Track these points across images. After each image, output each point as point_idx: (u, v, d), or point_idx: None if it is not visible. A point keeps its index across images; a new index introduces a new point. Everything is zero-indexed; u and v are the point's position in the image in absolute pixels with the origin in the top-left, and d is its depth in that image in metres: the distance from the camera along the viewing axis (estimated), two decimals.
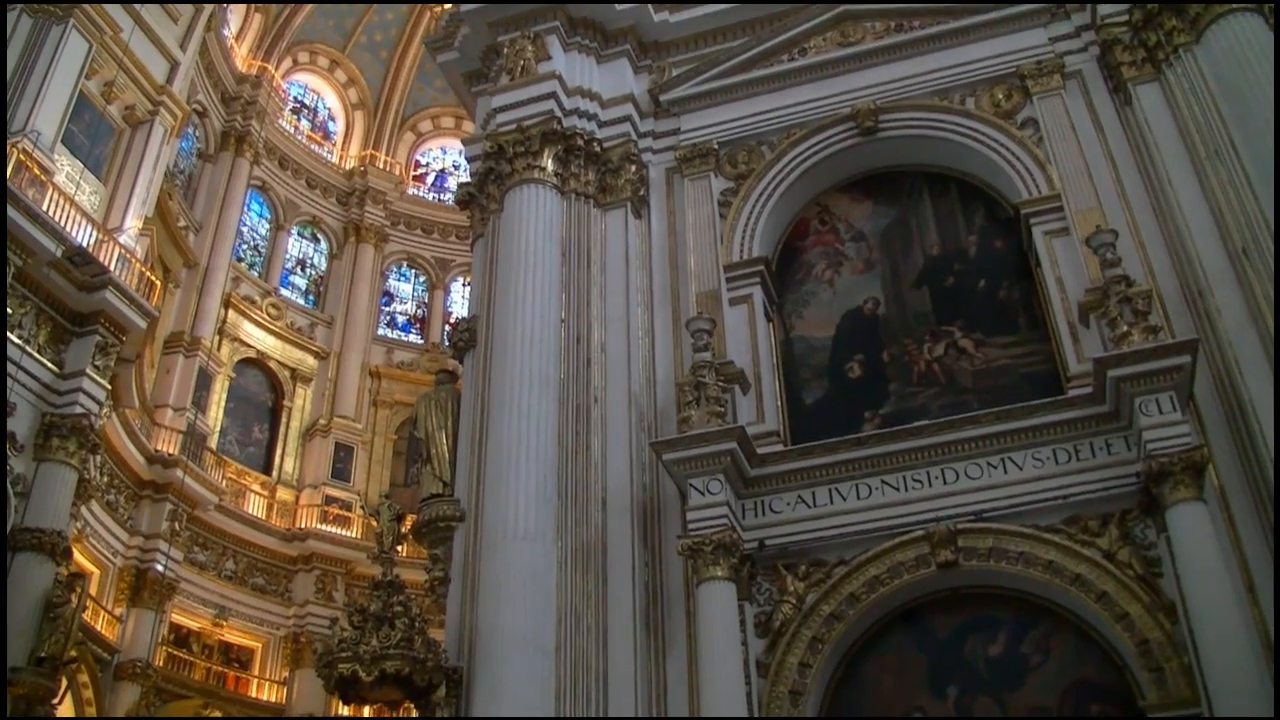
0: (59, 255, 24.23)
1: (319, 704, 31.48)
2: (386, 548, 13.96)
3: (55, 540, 23.43)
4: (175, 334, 33.42)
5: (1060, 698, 12.25)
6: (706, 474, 13.09)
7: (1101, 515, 12.47)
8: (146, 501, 30.66)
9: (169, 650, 30.40)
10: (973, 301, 14.81)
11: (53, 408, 24.37)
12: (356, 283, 39.76)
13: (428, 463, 15.19)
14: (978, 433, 13.09)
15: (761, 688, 12.72)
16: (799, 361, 15.15)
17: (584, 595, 13.13)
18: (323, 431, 36.47)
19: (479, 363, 15.26)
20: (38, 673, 22.33)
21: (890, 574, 12.89)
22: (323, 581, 33.85)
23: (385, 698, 14.01)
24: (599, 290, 15.28)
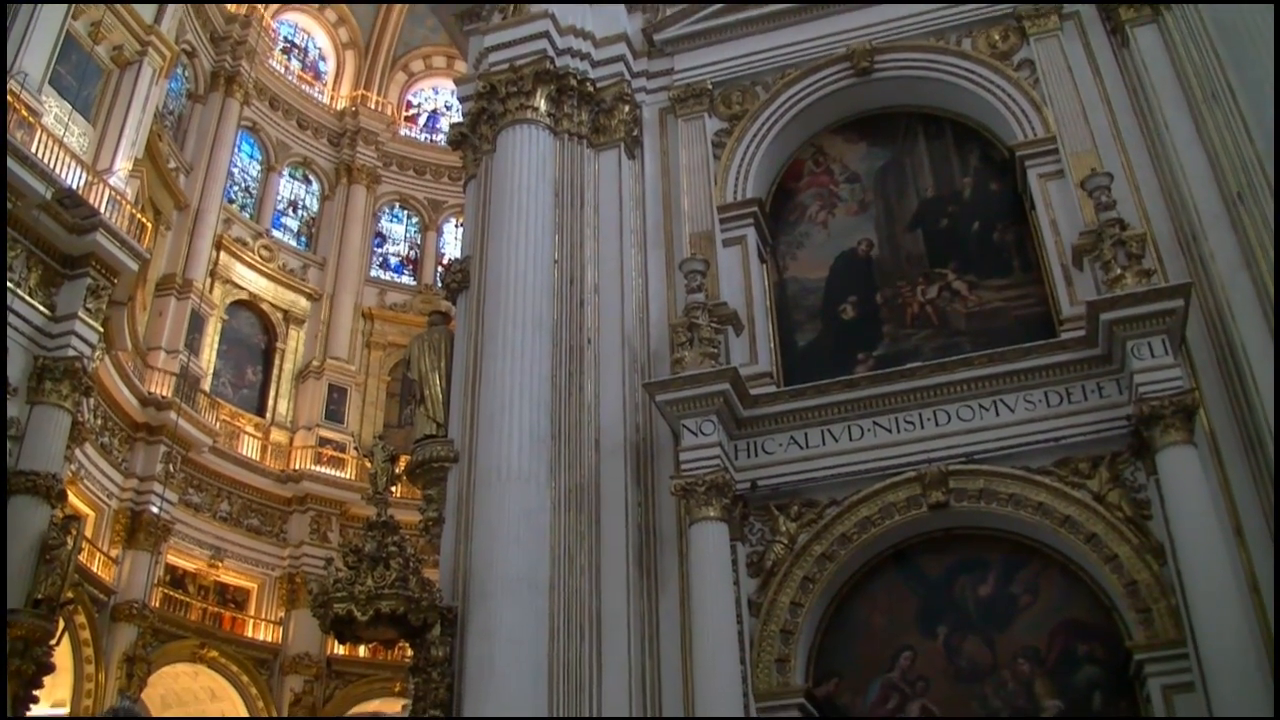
0: (48, 197, 24.09)
1: (315, 643, 31.75)
2: (381, 488, 13.99)
3: (50, 483, 23.50)
4: (167, 276, 33.32)
5: (1048, 637, 12.36)
6: (699, 415, 13.13)
7: (1092, 458, 12.53)
8: (140, 444, 30.71)
9: (165, 591, 30.59)
10: (967, 244, 14.78)
11: (45, 351, 24.33)
12: (348, 224, 39.62)
13: (421, 404, 15.21)
14: (970, 375, 13.12)
15: (753, 627, 12.83)
16: (792, 303, 15.15)
17: (577, 535, 13.21)
18: (316, 373, 36.50)
19: (472, 304, 15.24)
20: (35, 614, 22.47)
21: (881, 515, 12.97)
22: (317, 522, 34.00)
23: (380, 637, 14.10)
24: (592, 231, 15.23)
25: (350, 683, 32.88)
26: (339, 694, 32.55)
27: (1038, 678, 12.21)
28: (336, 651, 32.18)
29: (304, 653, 31.99)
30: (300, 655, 31.95)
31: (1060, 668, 12.19)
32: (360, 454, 33.86)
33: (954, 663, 12.58)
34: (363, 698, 33.20)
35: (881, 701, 12.65)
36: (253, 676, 31.52)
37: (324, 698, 32.18)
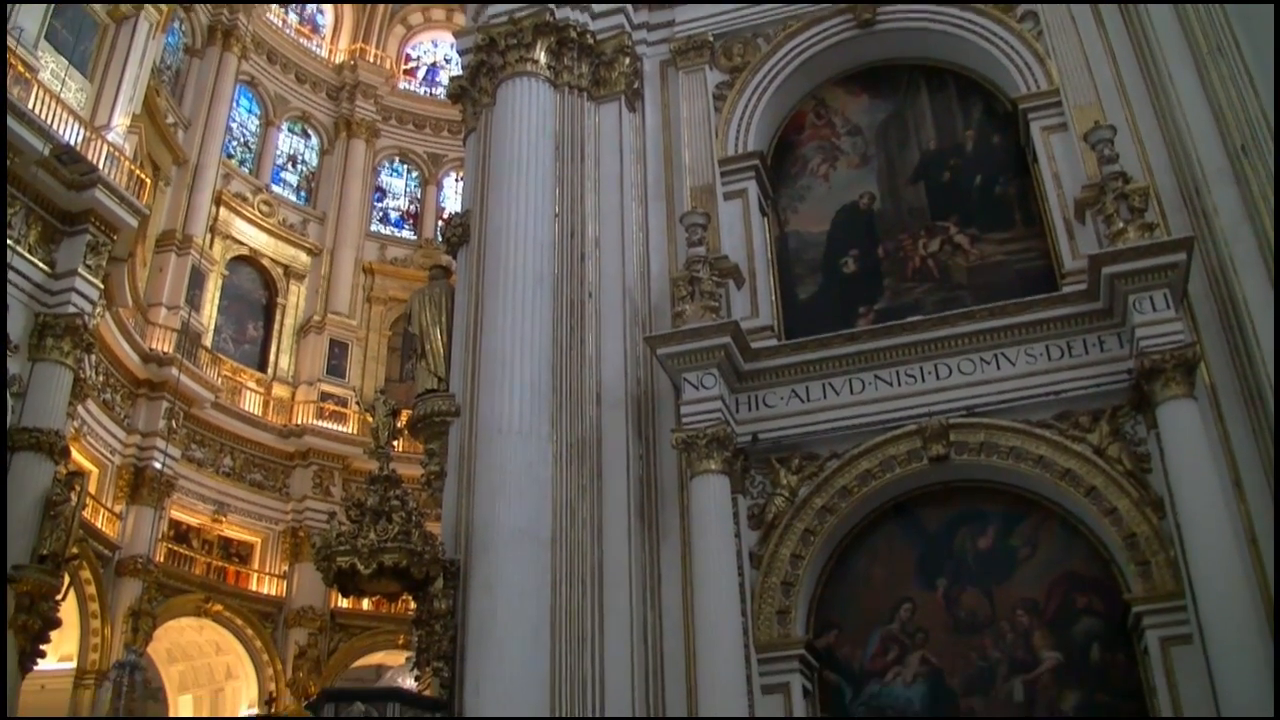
0: (46, 154, 23.98)
1: (318, 597, 31.92)
2: (383, 443, 14.03)
3: (53, 439, 23.54)
4: (167, 232, 33.22)
5: (1047, 589, 12.45)
6: (700, 368, 13.15)
7: (1092, 411, 12.57)
8: (143, 400, 30.74)
9: (169, 546, 30.71)
10: (969, 197, 14.74)
11: (46, 308, 24.31)
12: (348, 179, 39.45)
13: (422, 358, 15.23)
14: (971, 328, 13.13)
15: (754, 579, 12.92)
16: (793, 256, 15.13)
17: (579, 488, 13.27)
18: (317, 328, 36.47)
19: (472, 258, 15.21)
20: (40, 570, 22.57)
21: (882, 468, 13.03)
22: (320, 477, 34.09)
23: (383, 590, 14.19)
24: (593, 184, 15.18)
25: (354, 636, 33.09)
26: (343, 647, 32.75)
27: (1036, 629, 12.31)
28: (340, 605, 32.34)
29: (308, 606, 32.16)
30: (304, 609, 32.12)
31: (1059, 620, 12.28)
32: (362, 409, 33.85)
33: (953, 614, 12.67)
34: (366, 650, 33.43)
35: (881, 653, 12.76)
36: (257, 630, 31.72)
37: (328, 650, 32.38)
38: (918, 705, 12.43)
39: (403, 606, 25.67)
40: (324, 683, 29.36)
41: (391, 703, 12.13)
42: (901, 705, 12.49)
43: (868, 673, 12.74)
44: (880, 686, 12.64)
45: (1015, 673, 12.21)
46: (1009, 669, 12.25)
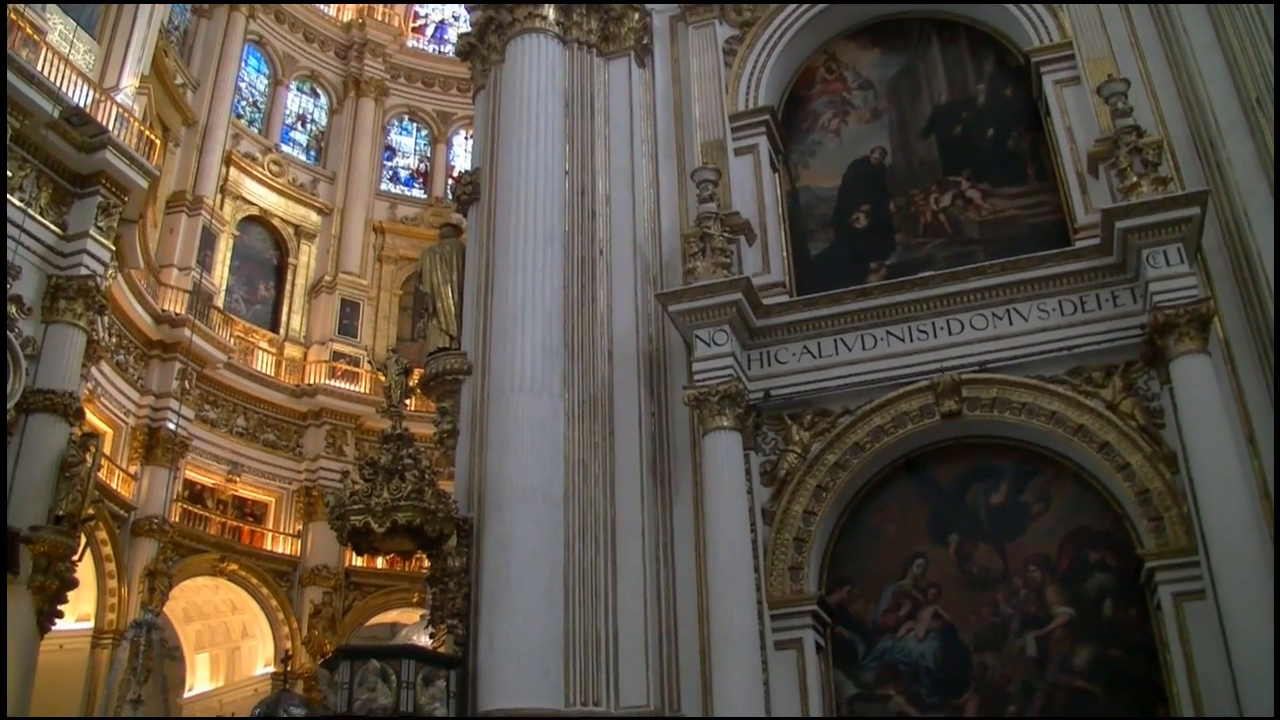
0: (56, 116, 23.90)
1: (333, 556, 32.07)
2: (395, 401, 14.08)
3: (67, 401, 23.61)
4: (177, 193, 33.15)
5: (1059, 545, 12.50)
6: (712, 325, 13.15)
7: (1105, 367, 12.54)
8: (156, 361, 30.77)
9: (184, 506, 30.82)
10: (981, 151, 14.66)
11: (58, 270, 24.31)
12: (358, 138, 39.28)
13: (434, 317, 15.23)
14: (983, 284, 13.09)
15: (766, 535, 12.97)
16: (805, 212, 15.08)
17: (591, 446, 13.30)
18: (328, 288, 36.44)
19: (483, 216, 15.19)
20: (57, 531, 22.69)
21: (894, 424, 13.04)
22: (333, 436, 34.15)
23: (397, 548, 14.30)
24: (603, 141, 15.12)
25: (369, 594, 33.25)
26: (357, 605, 32.91)
27: (1049, 585, 12.36)
28: (354, 563, 32.45)
29: (322, 565, 32.30)
30: (319, 567, 32.26)
31: (1071, 575, 12.33)
32: (374, 368, 33.87)
33: (965, 570, 12.73)
34: (381, 608, 33.61)
35: (894, 608, 12.83)
36: (272, 589, 31.88)
37: (343, 609, 32.55)
38: (930, 660, 12.52)
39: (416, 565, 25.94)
40: (339, 641, 29.51)
41: (406, 660, 12.23)
42: (914, 660, 12.56)
43: (880, 628, 12.81)
44: (893, 641, 12.72)
45: (1027, 628, 12.28)
46: (1021, 624, 12.31)
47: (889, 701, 12.51)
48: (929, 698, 12.38)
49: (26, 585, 22.16)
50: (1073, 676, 11.96)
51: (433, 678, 12.17)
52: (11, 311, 23.00)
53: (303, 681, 27.10)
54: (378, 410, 26.39)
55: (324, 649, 29.03)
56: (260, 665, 31.78)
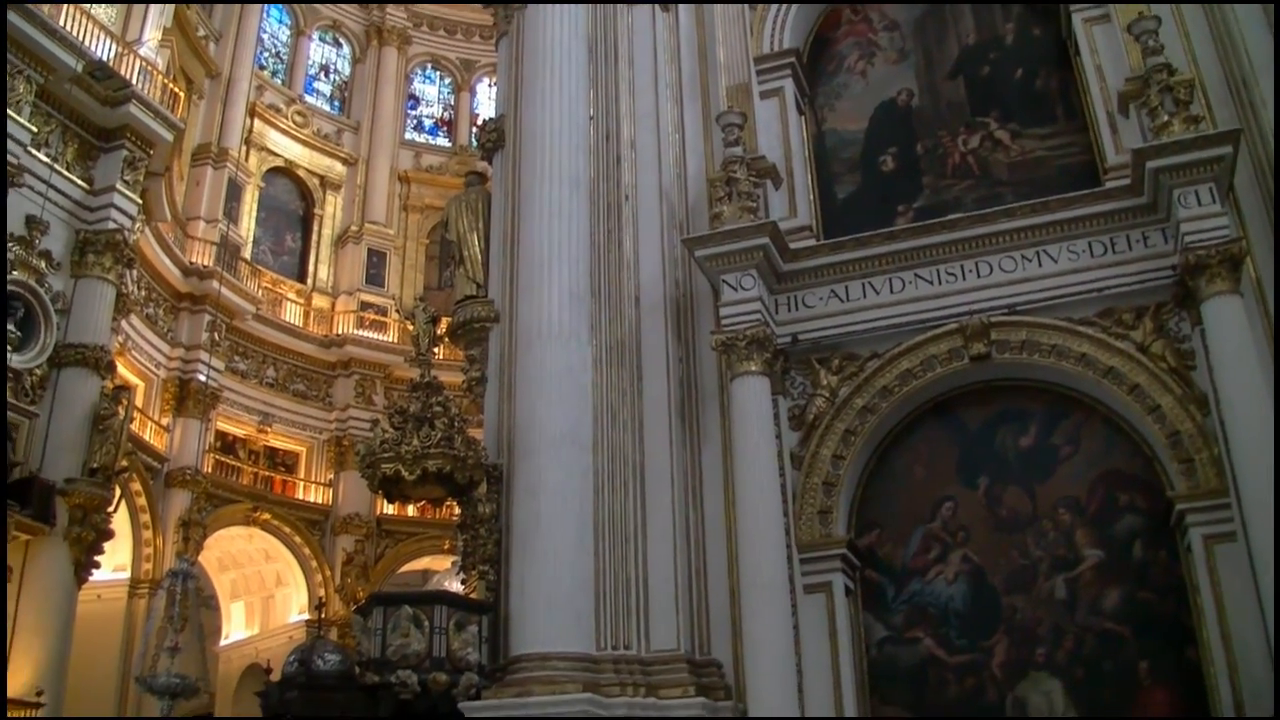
0: (79, 70, 23.92)
1: (364, 504, 32.32)
2: (423, 350, 14.15)
3: (98, 355, 23.82)
4: (202, 145, 33.17)
5: (1089, 487, 12.48)
6: (739, 269, 13.11)
7: (1136, 308, 12.45)
8: (185, 313, 30.94)
9: (216, 457, 31.08)
10: (1009, 92, 14.48)
11: (86, 224, 24.44)
12: (381, 87, 39.14)
13: (460, 265, 15.25)
14: (1012, 225, 12.99)
15: (795, 479, 13.00)
16: (831, 155, 14.97)
17: (619, 391, 13.30)
18: (355, 238, 36.47)
19: (508, 163, 15.14)
20: (91, 483, 22.96)
21: (923, 367, 13.01)
22: (362, 385, 34.31)
23: (428, 495, 14.40)
24: (627, 86, 14.97)
25: (400, 541, 33.51)
26: (389, 553, 33.18)
27: (1078, 527, 12.37)
28: (386, 511, 32.64)
29: (354, 513, 32.56)
30: (350, 516, 32.52)
31: (1101, 517, 12.32)
32: (402, 317, 33.99)
33: (995, 513, 12.75)
34: (412, 556, 33.88)
35: (923, 551, 12.86)
36: (305, 537, 32.18)
37: (375, 556, 32.83)
38: (959, 603, 12.56)
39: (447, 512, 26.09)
40: (371, 588, 29.78)
41: (439, 606, 12.36)
42: (943, 603, 12.60)
43: (909, 571, 12.85)
44: (922, 584, 12.76)
45: (1057, 570, 12.29)
46: (1050, 567, 12.33)
47: (918, 644, 12.56)
48: (958, 640, 12.43)
49: (63, 537, 22.47)
50: (1102, 619, 11.97)
51: (465, 623, 12.31)
52: (41, 266, 23.19)
53: (336, 628, 27.41)
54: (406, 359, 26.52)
55: (357, 596, 29.34)
56: (294, 613, 32.14)
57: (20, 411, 22.31)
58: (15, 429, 22.19)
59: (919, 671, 12.48)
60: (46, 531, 22.11)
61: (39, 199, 22.97)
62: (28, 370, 22.57)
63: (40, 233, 23.21)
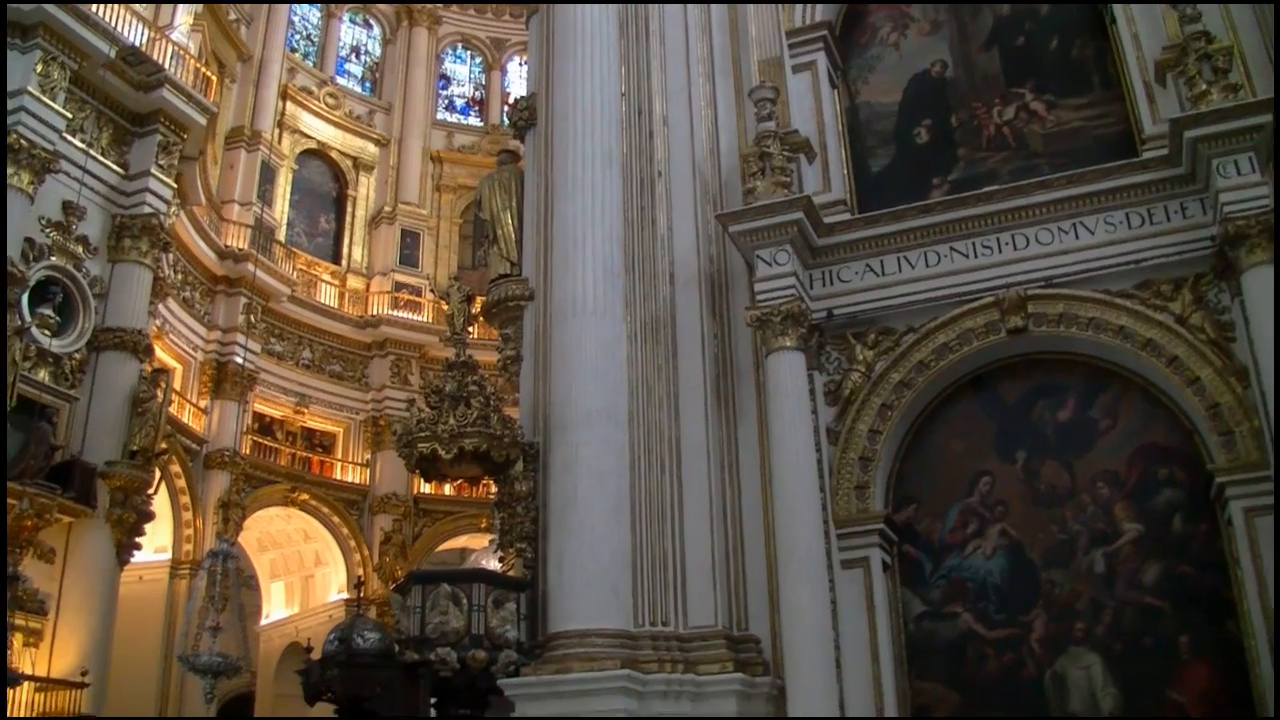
0: (113, 56, 24.10)
1: (401, 484, 32.53)
2: (458, 329, 14.19)
3: (136, 338, 24.08)
4: (235, 129, 33.36)
5: (1128, 461, 12.36)
6: (773, 245, 13.04)
7: (1174, 280, 12.30)
8: (221, 296, 31.19)
9: (254, 438, 31.37)
10: (1044, 62, 14.30)
11: (122, 209, 24.69)
12: (412, 67, 39.22)
13: (494, 244, 15.26)
14: (1048, 197, 12.86)
15: (831, 454, 12.97)
16: (865, 128, 14.85)
17: (654, 368, 13.29)
18: (388, 219, 36.61)
19: (540, 141, 15.12)
20: (131, 465, 23.25)
21: (959, 341, 12.92)
22: (397, 366, 34.49)
23: (465, 474, 14.46)
24: (659, 62, 14.88)
25: (437, 520, 33.73)
26: (427, 531, 33.41)
27: (1117, 501, 12.26)
28: (423, 490, 32.91)
29: (391, 493, 32.79)
30: (388, 495, 32.75)
31: (1140, 491, 12.21)
32: (436, 297, 34.13)
33: (1033, 487, 12.66)
34: (450, 535, 34.10)
35: (960, 526, 12.81)
36: (343, 517, 32.43)
37: (412, 535, 33.05)
38: (997, 577, 12.50)
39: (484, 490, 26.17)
40: (409, 567, 29.97)
41: (477, 583, 12.42)
42: (981, 578, 12.56)
43: (947, 546, 12.80)
44: (960, 559, 12.71)
45: (1096, 544, 12.20)
46: (1089, 541, 12.24)
47: (956, 619, 12.52)
48: (996, 615, 12.37)
49: (105, 519, 22.81)
50: (1141, 593, 11.89)
51: (503, 600, 12.38)
52: (78, 251, 23.45)
53: (375, 607, 27.67)
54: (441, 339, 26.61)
55: (395, 575, 29.54)
56: (333, 592, 32.44)
57: (60, 395, 22.59)
58: (56, 413, 22.51)
59: (957, 646, 12.44)
60: (88, 514, 22.42)
61: (75, 184, 23.21)
62: (67, 355, 22.85)
63: (77, 218, 23.46)
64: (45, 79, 22.47)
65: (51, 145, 22.32)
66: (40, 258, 22.48)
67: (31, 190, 21.89)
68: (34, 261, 22.24)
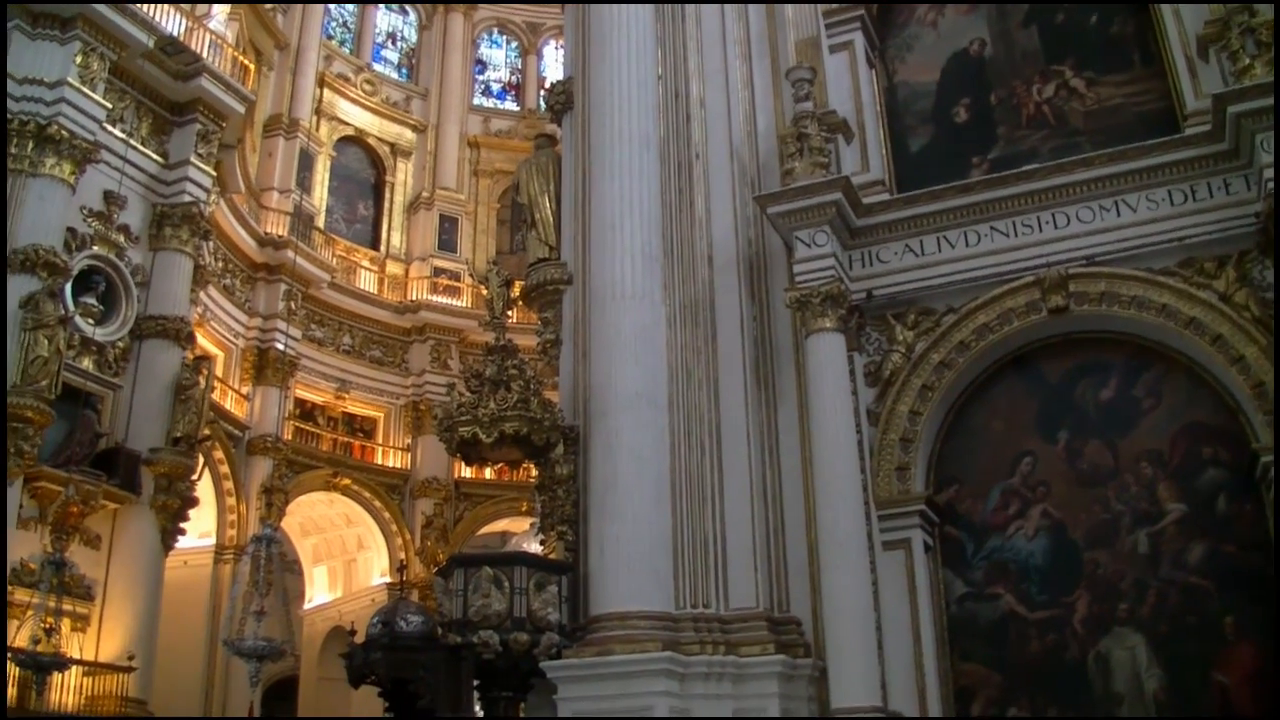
0: (151, 46, 24.27)
1: (442, 468, 32.65)
2: (497, 314, 14.25)
3: (178, 326, 24.30)
4: (273, 117, 33.50)
5: (1172, 440, 12.30)
6: (812, 226, 13.01)
7: (1218, 257, 12.19)
8: (261, 283, 31.35)
9: (296, 424, 31.55)
10: (1084, 38, 14.15)
11: (162, 198, 24.88)
12: (448, 53, 39.23)
13: (532, 228, 15.29)
14: (1089, 175, 12.77)
15: (872, 436, 12.96)
16: (903, 108, 14.76)
17: (694, 350, 13.31)
18: (426, 204, 36.69)
19: (577, 124, 15.12)
20: (175, 452, 23.46)
21: (1000, 321, 12.87)
22: (437, 351, 34.58)
23: (505, 458, 14.53)
24: (695, 44, 14.84)
25: (478, 504, 33.83)
26: (468, 515, 33.52)
27: (1161, 481, 12.20)
28: (464, 474, 33.02)
29: (432, 477, 32.90)
30: (429, 479, 32.87)
31: (1184, 471, 12.15)
32: (475, 281, 34.21)
33: (1075, 467, 12.62)
34: (491, 518, 34.20)
35: (1002, 507, 12.78)
36: (385, 502, 32.59)
37: (454, 519, 33.17)
38: (1040, 558, 12.48)
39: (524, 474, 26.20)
40: (451, 550, 30.09)
41: (519, 566, 12.49)
42: (1023, 559, 12.53)
43: (989, 527, 12.78)
44: (1002, 540, 12.69)
45: (1139, 525, 12.16)
46: (1133, 521, 12.19)
47: (999, 600, 12.50)
48: (1039, 596, 12.35)
49: (149, 505, 23.05)
50: (1186, 573, 11.83)
51: (544, 583, 12.43)
52: (120, 240, 23.69)
53: (418, 590, 27.79)
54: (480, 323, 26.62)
55: (437, 558, 29.66)
56: (376, 576, 32.63)
57: (104, 383, 22.86)
58: (100, 401, 22.77)
59: (999, 628, 12.43)
60: (133, 500, 22.68)
61: (116, 174, 23.41)
62: (110, 343, 23.11)
63: (118, 207, 23.68)
64: (85, 70, 22.65)
65: (92, 136, 22.52)
66: (83, 247, 22.72)
67: (73, 180, 22.12)
68: (76, 251, 22.46)
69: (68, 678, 20.03)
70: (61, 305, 21.30)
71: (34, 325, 20.56)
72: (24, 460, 20.13)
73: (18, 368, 20.26)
